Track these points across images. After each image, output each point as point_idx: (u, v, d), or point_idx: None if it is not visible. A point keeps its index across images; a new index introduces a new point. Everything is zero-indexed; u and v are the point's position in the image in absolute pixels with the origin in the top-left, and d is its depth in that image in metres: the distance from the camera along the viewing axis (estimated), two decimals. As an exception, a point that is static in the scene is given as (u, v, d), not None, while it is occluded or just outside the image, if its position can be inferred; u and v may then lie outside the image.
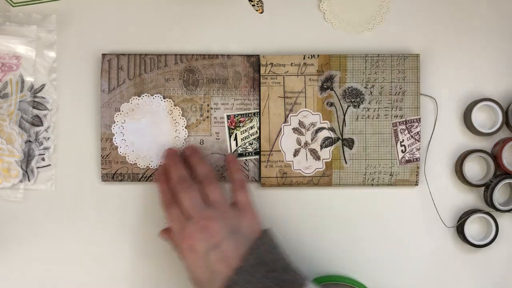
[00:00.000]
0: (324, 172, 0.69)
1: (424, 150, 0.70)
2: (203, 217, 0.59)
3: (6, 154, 0.66)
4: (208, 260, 0.56)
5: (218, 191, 0.62)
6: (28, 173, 0.68)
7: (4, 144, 0.66)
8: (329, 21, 0.70)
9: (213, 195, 0.61)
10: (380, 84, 0.69)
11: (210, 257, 0.56)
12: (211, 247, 0.57)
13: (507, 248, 0.70)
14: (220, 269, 0.56)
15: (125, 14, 0.70)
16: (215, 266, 0.56)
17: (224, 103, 0.68)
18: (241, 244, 0.58)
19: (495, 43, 0.70)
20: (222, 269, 0.56)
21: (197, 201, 0.60)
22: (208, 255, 0.57)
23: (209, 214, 0.59)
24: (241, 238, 0.58)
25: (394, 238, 0.70)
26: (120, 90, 0.68)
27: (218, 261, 0.56)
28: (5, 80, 0.67)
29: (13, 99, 0.67)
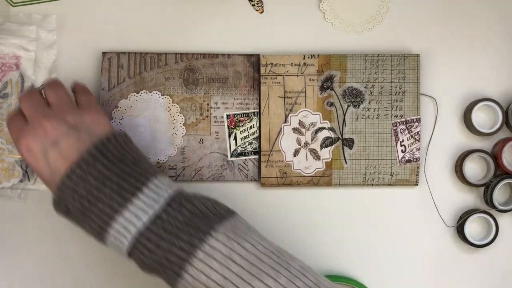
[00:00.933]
0: (324, 172, 0.69)
1: (424, 150, 0.70)
2: (39, 117, 0.56)
3: (6, 154, 0.66)
4: (47, 159, 0.54)
5: (60, 94, 0.59)
6: (28, 173, 0.67)
7: (4, 144, 0.66)
8: (329, 21, 0.70)
9: (53, 98, 0.59)
10: (380, 84, 0.69)
11: (49, 155, 0.54)
12: (49, 146, 0.54)
13: (507, 248, 0.70)
14: (60, 166, 0.54)
15: (125, 12, 0.70)
16: (55, 164, 0.54)
17: (224, 102, 0.68)
18: (82, 140, 0.54)
19: (495, 43, 0.71)
20: (62, 166, 0.53)
21: (37, 106, 0.58)
22: (46, 154, 0.54)
23: (46, 113, 0.56)
24: (82, 134, 0.55)
25: (394, 238, 0.70)
26: (120, 88, 0.68)
27: (57, 159, 0.54)
28: (5, 80, 0.67)
29: (13, 99, 0.67)
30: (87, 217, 0.53)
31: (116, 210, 0.52)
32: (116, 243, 0.53)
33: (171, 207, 0.53)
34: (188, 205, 0.54)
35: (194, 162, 0.68)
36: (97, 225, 0.53)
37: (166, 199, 0.53)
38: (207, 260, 0.51)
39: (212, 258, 0.51)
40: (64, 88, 0.60)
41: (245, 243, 0.52)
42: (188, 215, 0.53)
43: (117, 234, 0.52)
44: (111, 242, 0.53)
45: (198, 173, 0.68)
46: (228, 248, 0.51)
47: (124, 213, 0.52)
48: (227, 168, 0.68)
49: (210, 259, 0.51)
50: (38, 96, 0.59)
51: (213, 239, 0.52)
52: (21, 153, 0.56)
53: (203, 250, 0.51)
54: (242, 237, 0.53)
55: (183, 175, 0.68)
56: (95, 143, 0.54)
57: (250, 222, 0.69)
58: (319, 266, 0.69)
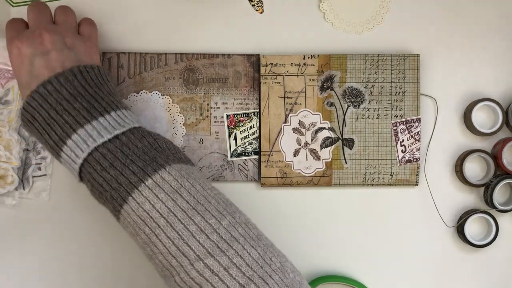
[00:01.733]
0: (324, 172, 0.69)
1: (424, 150, 0.70)
2: (41, 28, 0.58)
3: (3, 161, 0.66)
4: (32, 65, 0.56)
5: (68, 17, 0.62)
6: (23, 181, 0.67)
7: (2, 150, 0.66)
8: (329, 21, 0.70)
9: (61, 18, 0.62)
10: (380, 84, 0.69)
11: (35, 61, 0.56)
12: (39, 54, 0.56)
13: (507, 248, 0.70)
14: (41, 73, 0.55)
15: (125, 12, 0.70)
16: (38, 71, 0.56)
17: (224, 102, 0.68)
18: (70, 59, 0.57)
19: (495, 43, 0.71)
20: (44, 74, 0.55)
21: (42, 15, 0.61)
22: (33, 60, 0.56)
23: (48, 27, 0.59)
24: (72, 55, 0.58)
25: (394, 238, 0.70)
26: (120, 88, 0.68)
27: (42, 67, 0.56)
28: (8, 87, 0.67)
29: (14, 106, 0.67)
30: (49, 127, 0.54)
31: (79, 123, 0.53)
32: (71, 156, 0.54)
33: (133, 134, 0.54)
34: (150, 139, 0.55)
35: (194, 162, 0.68)
36: (57, 136, 0.54)
37: (131, 127, 0.55)
38: (155, 189, 0.51)
39: (161, 189, 0.51)
40: (74, 15, 0.64)
41: (196, 185, 0.53)
42: (147, 145, 0.54)
43: (74, 146, 0.53)
44: (66, 155, 0.54)
45: (198, 173, 0.68)
46: (179, 183, 0.52)
47: (86, 127, 0.53)
48: (227, 168, 0.68)
49: (159, 189, 0.51)
50: (48, 11, 0.62)
51: (166, 172, 0.52)
52: (10, 54, 0.58)
53: (154, 179, 0.52)
54: (195, 180, 0.54)
55: (183, 175, 0.68)
56: (81, 67, 0.56)
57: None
58: (319, 266, 0.69)
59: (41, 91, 0.54)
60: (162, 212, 0.51)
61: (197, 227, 0.50)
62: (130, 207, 0.52)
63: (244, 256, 0.50)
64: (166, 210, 0.51)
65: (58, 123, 0.54)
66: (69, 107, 0.54)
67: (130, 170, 0.52)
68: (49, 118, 0.54)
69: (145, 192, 0.51)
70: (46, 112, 0.54)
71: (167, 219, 0.51)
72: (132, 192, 0.52)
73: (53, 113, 0.54)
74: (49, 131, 0.54)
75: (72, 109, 0.54)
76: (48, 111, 0.54)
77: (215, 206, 0.52)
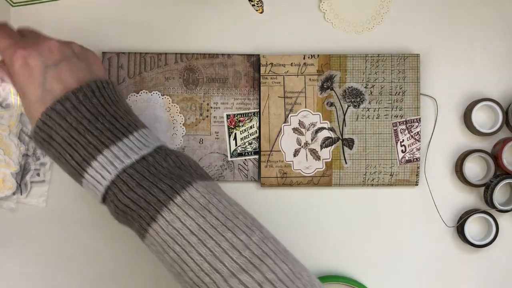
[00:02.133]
0: (324, 172, 0.69)
1: (424, 150, 0.70)
2: (44, 35, 0.54)
3: (3, 165, 0.66)
4: (44, 78, 0.52)
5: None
6: (21, 186, 0.67)
7: (1, 154, 0.66)
8: (329, 21, 0.70)
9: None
10: (380, 84, 0.69)
11: (47, 74, 0.52)
12: (50, 64, 0.52)
13: (507, 248, 0.70)
14: (55, 88, 0.51)
15: (125, 12, 0.70)
16: (50, 84, 0.52)
17: (224, 102, 0.68)
18: (82, 71, 0.53)
19: (495, 43, 0.71)
20: (57, 89, 0.51)
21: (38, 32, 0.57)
22: (44, 72, 0.52)
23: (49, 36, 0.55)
24: (83, 65, 0.54)
25: (394, 238, 0.70)
26: (120, 88, 0.67)
27: (54, 80, 0.52)
28: (8, 90, 0.67)
29: (15, 110, 0.67)
30: (70, 147, 0.51)
31: (104, 144, 0.51)
32: (96, 177, 0.51)
33: (157, 154, 0.53)
34: (173, 157, 0.54)
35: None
36: (80, 157, 0.51)
37: (154, 147, 0.53)
38: (184, 207, 0.51)
39: (190, 206, 0.51)
40: None
41: (223, 200, 0.52)
42: (172, 164, 0.53)
43: (100, 168, 0.51)
44: (91, 177, 0.52)
45: (198, 173, 0.68)
46: (207, 200, 0.51)
47: (112, 148, 0.51)
48: (227, 168, 0.68)
49: (188, 207, 0.51)
50: None
51: (194, 189, 0.51)
52: (13, 65, 0.52)
53: (182, 197, 0.51)
54: (221, 195, 0.53)
55: (183, 175, 0.68)
56: (95, 79, 0.53)
57: (250, 222, 0.69)
58: (319, 266, 0.69)
59: (58, 109, 0.51)
60: (193, 230, 0.50)
61: (229, 243, 0.50)
62: (159, 226, 0.51)
63: (276, 271, 0.50)
64: (196, 227, 0.50)
65: (81, 143, 0.51)
66: (91, 127, 0.51)
67: (159, 188, 0.51)
68: (70, 138, 0.51)
69: (174, 210, 0.50)
70: (65, 131, 0.51)
71: (198, 236, 0.50)
72: (161, 210, 0.50)
73: (74, 133, 0.51)
74: (71, 152, 0.51)
75: (94, 129, 0.51)
76: (68, 131, 0.51)
77: (243, 222, 0.52)
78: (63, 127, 0.51)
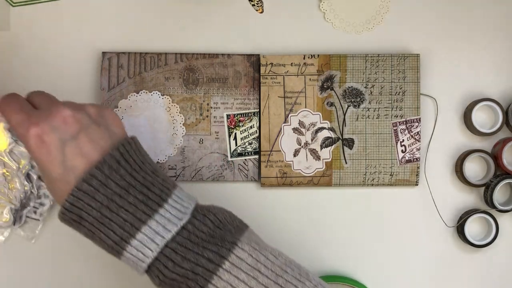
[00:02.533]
0: (324, 172, 0.69)
1: (424, 150, 0.70)
2: (57, 104, 0.49)
3: (4, 198, 0.65)
4: (64, 155, 0.48)
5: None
6: (16, 217, 0.67)
7: (6, 187, 0.65)
8: (329, 21, 0.70)
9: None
10: (380, 84, 0.69)
11: (66, 150, 0.48)
12: (68, 138, 0.48)
13: (507, 248, 0.70)
14: (77, 164, 0.48)
15: (125, 12, 0.70)
16: (71, 161, 0.48)
17: (224, 102, 0.68)
18: (103, 138, 0.49)
19: (495, 43, 0.71)
20: (79, 165, 0.48)
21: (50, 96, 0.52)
22: (63, 148, 0.48)
23: (62, 102, 0.50)
24: (103, 130, 0.49)
25: (394, 238, 0.70)
26: (120, 88, 0.68)
27: (74, 155, 0.48)
28: None
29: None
30: (105, 228, 0.48)
31: (141, 220, 0.48)
32: (137, 255, 0.49)
33: (196, 219, 0.50)
34: (211, 216, 0.51)
35: (194, 162, 0.68)
36: (117, 236, 0.48)
37: (190, 211, 0.51)
38: (233, 271, 0.48)
39: (239, 269, 0.48)
40: None
41: (269, 255, 0.50)
42: (211, 226, 0.50)
43: (140, 246, 0.48)
44: (131, 255, 0.49)
45: (198, 173, 0.68)
46: (254, 259, 0.49)
47: (150, 223, 0.48)
48: (227, 168, 0.68)
49: (237, 270, 0.48)
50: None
51: (240, 249, 0.49)
52: (28, 144, 0.48)
53: (230, 261, 0.48)
54: (264, 249, 0.51)
55: (183, 175, 0.68)
56: (117, 145, 0.49)
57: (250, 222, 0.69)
58: (319, 266, 0.69)
59: (85, 189, 0.47)
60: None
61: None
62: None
63: None
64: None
65: (116, 222, 0.48)
66: (123, 203, 0.48)
67: (205, 258, 0.48)
68: (102, 217, 0.48)
69: (224, 276, 0.48)
70: (97, 211, 0.48)
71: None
72: (211, 279, 0.48)
73: (107, 212, 0.48)
74: (106, 232, 0.48)
75: (127, 204, 0.48)
76: (99, 210, 0.48)
77: (292, 274, 0.50)
78: (93, 207, 0.48)
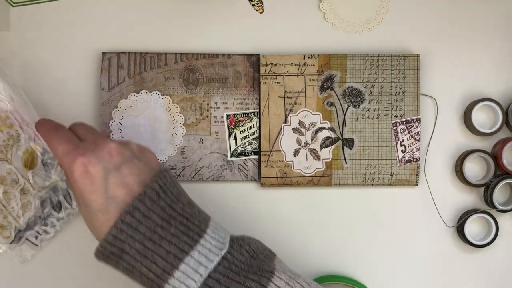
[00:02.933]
0: (324, 172, 0.69)
1: (424, 150, 0.70)
2: (101, 137, 0.52)
3: (13, 215, 0.65)
4: (107, 184, 0.49)
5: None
6: (16, 237, 0.66)
7: (18, 206, 0.64)
8: (329, 21, 0.70)
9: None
10: (380, 84, 0.69)
11: (109, 180, 0.49)
12: (111, 169, 0.49)
13: (507, 248, 0.70)
14: (119, 195, 0.49)
15: (125, 12, 0.70)
16: (113, 191, 0.49)
17: (224, 102, 0.68)
18: (143, 171, 0.51)
19: (495, 43, 0.71)
20: (121, 195, 0.49)
21: (95, 130, 0.55)
22: (106, 178, 0.49)
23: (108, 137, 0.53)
24: (143, 165, 0.51)
25: (394, 238, 0.70)
26: (120, 88, 0.68)
27: (117, 186, 0.49)
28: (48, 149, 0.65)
29: (53, 178, 0.66)
30: (147, 260, 0.48)
31: (184, 251, 0.49)
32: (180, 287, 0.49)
33: (233, 249, 0.51)
34: (246, 246, 0.52)
35: (194, 162, 0.68)
36: (160, 268, 0.48)
37: (227, 241, 0.51)
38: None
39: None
40: None
41: (303, 282, 0.51)
42: (247, 256, 0.51)
43: (184, 277, 0.48)
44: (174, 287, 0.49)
45: (198, 173, 0.68)
46: (291, 286, 0.50)
47: (192, 254, 0.49)
48: (227, 168, 0.68)
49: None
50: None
51: (277, 278, 0.50)
52: (73, 173, 0.50)
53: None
54: (298, 276, 0.52)
55: (183, 175, 0.68)
56: (155, 178, 0.51)
57: (250, 222, 0.70)
58: (319, 266, 0.69)
59: (129, 221, 0.48)
60: None
61: None
62: None
63: None
64: None
65: (159, 254, 0.48)
66: (166, 234, 0.48)
67: (247, 287, 0.49)
68: (145, 249, 0.48)
69: None
70: (139, 243, 0.48)
71: None
72: None
73: (150, 244, 0.48)
74: (148, 264, 0.48)
75: (170, 235, 0.49)
76: (142, 242, 0.48)
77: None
78: (136, 239, 0.48)
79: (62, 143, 0.51)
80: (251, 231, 0.69)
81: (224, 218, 0.69)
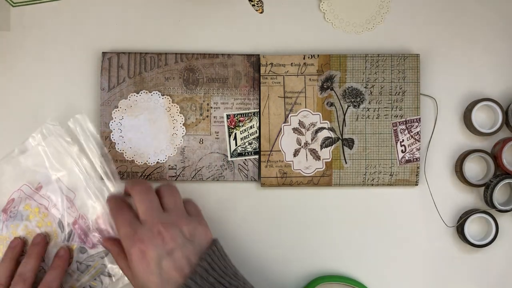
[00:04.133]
0: (324, 172, 0.69)
1: (424, 150, 0.70)
2: (158, 222, 0.57)
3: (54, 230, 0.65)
4: (160, 268, 0.55)
5: (177, 201, 0.60)
6: None
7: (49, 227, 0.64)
8: (329, 21, 0.70)
9: (171, 203, 0.59)
10: (380, 84, 0.69)
11: (163, 264, 0.55)
12: (165, 254, 0.55)
13: (507, 248, 0.70)
14: (173, 277, 0.54)
15: (126, 12, 0.70)
16: (168, 274, 0.54)
17: (224, 102, 0.68)
18: (194, 252, 0.56)
19: (495, 43, 0.71)
20: (175, 277, 0.54)
21: (153, 206, 0.58)
22: (160, 263, 0.55)
23: (164, 219, 0.57)
24: (194, 246, 0.57)
25: (394, 238, 0.70)
26: (120, 88, 0.68)
27: (171, 269, 0.55)
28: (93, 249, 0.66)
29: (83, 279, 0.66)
30: None
31: None
32: None
33: None
34: None
35: (194, 162, 0.68)
36: None
37: None
38: None
39: None
40: (180, 194, 0.61)
41: None
42: None
43: None
44: None
45: (198, 173, 0.68)
46: None
47: None
48: (227, 168, 0.68)
49: None
50: (155, 197, 0.59)
51: None
52: (132, 257, 0.55)
53: None
54: None
55: (183, 175, 0.68)
56: (206, 256, 0.56)
57: (250, 222, 0.70)
58: (319, 266, 0.69)
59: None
60: None
61: None
62: None
63: None
64: None
65: None
66: None
67: None
68: None
69: None
70: None
71: None
72: None
73: None
74: None
75: None
76: None
77: None
78: None
79: (125, 226, 0.57)
80: (251, 231, 0.69)
81: (224, 218, 0.69)
